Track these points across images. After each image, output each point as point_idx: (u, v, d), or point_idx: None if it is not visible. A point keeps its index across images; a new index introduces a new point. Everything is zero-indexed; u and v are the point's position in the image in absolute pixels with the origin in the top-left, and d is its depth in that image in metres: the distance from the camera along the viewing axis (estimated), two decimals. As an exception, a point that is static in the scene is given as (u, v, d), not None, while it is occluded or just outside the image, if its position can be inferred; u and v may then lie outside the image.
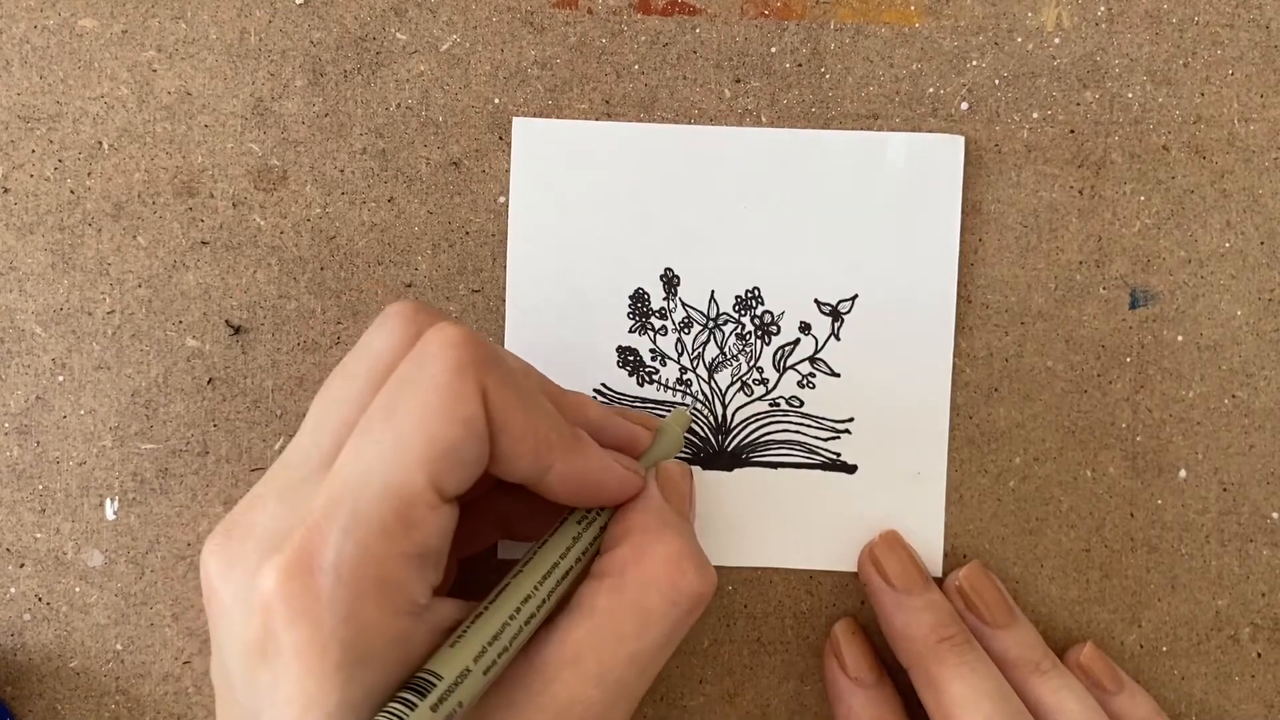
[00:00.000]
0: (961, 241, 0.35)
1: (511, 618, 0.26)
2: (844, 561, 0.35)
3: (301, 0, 0.34)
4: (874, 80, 0.35)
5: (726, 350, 0.35)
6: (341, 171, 0.35)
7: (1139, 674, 0.35)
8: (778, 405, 0.35)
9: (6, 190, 0.34)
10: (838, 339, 0.35)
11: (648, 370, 0.35)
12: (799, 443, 0.35)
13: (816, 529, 0.35)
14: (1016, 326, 0.35)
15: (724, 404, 0.35)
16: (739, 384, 0.35)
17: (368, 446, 0.25)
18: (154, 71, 0.34)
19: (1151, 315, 0.35)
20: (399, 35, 0.34)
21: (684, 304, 0.35)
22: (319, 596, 0.23)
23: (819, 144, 0.34)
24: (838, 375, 0.35)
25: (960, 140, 0.34)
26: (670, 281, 0.35)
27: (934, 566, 0.35)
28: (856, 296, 0.35)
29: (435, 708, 0.24)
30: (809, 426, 0.35)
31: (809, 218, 0.34)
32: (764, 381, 0.35)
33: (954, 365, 0.35)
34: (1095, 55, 0.35)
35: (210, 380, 0.35)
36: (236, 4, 0.34)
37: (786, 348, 0.35)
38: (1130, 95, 0.35)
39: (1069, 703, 0.32)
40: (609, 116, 0.35)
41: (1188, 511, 0.35)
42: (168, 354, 0.35)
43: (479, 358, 0.25)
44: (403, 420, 0.25)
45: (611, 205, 0.34)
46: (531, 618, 0.27)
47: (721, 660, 0.35)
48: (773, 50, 0.35)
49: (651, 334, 0.35)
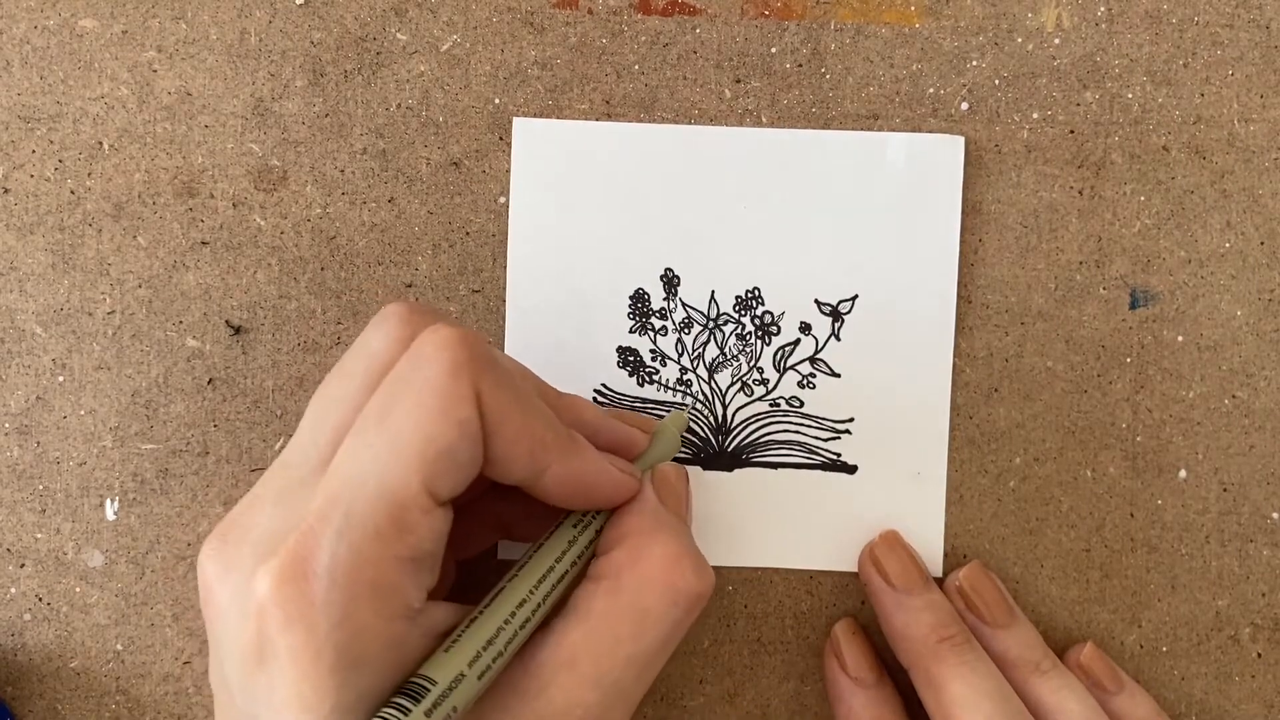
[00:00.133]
0: (961, 242, 0.35)
1: (506, 622, 0.26)
2: (844, 561, 0.35)
3: (301, 0, 0.34)
4: (874, 80, 0.35)
5: (727, 350, 0.35)
6: (342, 172, 0.35)
7: (1139, 674, 0.35)
8: (778, 405, 0.35)
9: (7, 190, 0.34)
10: (838, 339, 0.35)
11: (648, 370, 0.35)
12: (799, 443, 0.35)
13: (816, 529, 0.35)
14: (1016, 326, 0.35)
15: (724, 404, 0.35)
16: (739, 384, 0.35)
17: (362, 449, 0.25)
18: (154, 72, 0.35)
19: (1151, 315, 0.35)
20: (399, 35, 0.35)
21: (684, 304, 0.35)
22: (313, 601, 0.23)
23: (819, 144, 0.34)
24: (838, 375, 0.35)
25: (960, 140, 0.34)
26: (670, 282, 0.35)
27: (934, 566, 0.35)
28: (856, 297, 0.35)
29: (429, 713, 0.24)
30: (809, 427, 0.35)
31: (809, 218, 0.34)
32: (764, 382, 0.35)
33: (954, 365, 0.35)
34: (1095, 55, 0.35)
35: (210, 380, 0.35)
36: (236, 4, 0.34)
37: (787, 348, 0.35)
38: (1130, 95, 0.35)
39: (1069, 703, 0.32)
40: (609, 117, 0.35)
41: (1188, 512, 0.35)
42: (168, 354, 0.35)
43: (474, 359, 0.25)
44: (397, 422, 0.25)
45: (611, 205, 0.34)
46: (527, 621, 0.26)
47: (721, 660, 0.35)
48: (773, 50, 0.35)
49: (652, 334, 0.35)
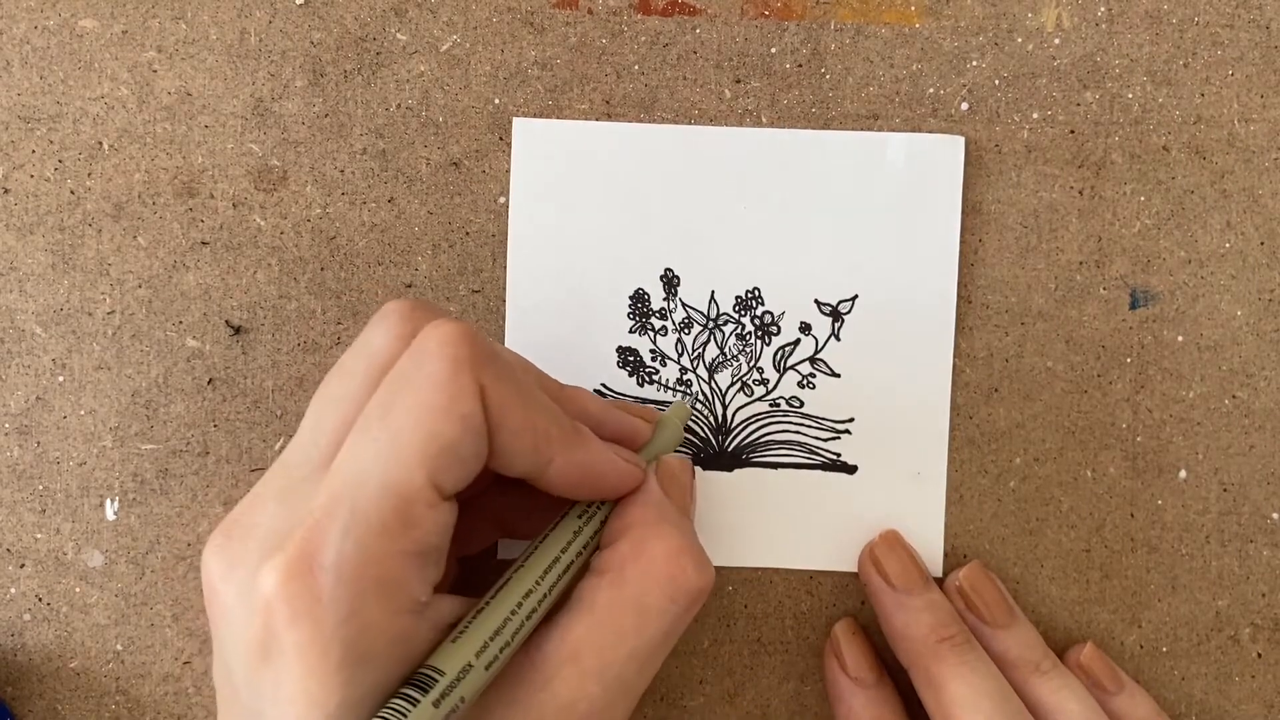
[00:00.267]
0: (961, 242, 0.35)
1: (513, 612, 0.26)
2: (844, 561, 0.35)
3: (301, 0, 0.34)
4: (874, 80, 0.35)
5: (727, 350, 0.35)
6: (341, 172, 0.35)
7: (1139, 674, 0.35)
8: (778, 405, 0.35)
9: (7, 190, 0.34)
10: (838, 339, 0.35)
11: (648, 370, 0.35)
12: (799, 443, 0.35)
13: (816, 529, 0.35)
14: (1016, 326, 0.35)
15: (724, 404, 0.35)
16: (739, 384, 0.35)
17: (366, 445, 0.25)
18: (154, 72, 0.35)
19: (1151, 315, 0.35)
20: (399, 35, 0.35)
21: (684, 304, 0.35)
22: (320, 596, 0.23)
23: (819, 144, 0.34)
24: (838, 375, 0.35)
25: (960, 140, 0.34)
26: (670, 282, 0.35)
27: (934, 566, 0.35)
28: (856, 297, 0.35)
29: (438, 703, 0.24)
30: (809, 427, 0.35)
31: (809, 218, 0.34)
32: (764, 382, 0.35)
33: (954, 365, 0.35)
34: (1095, 55, 0.35)
35: (210, 380, 0.35)
36: (236, 4, 0.34)
37: (786, 348, 0.35)
38: (1130, 95, 0.35)
39: (1069, 703, 0.32)
40: (609, 117, 0.35)
41: (1188, 512, 0.35)
42: (168, 354, 0.35)
43: (476, 353, 0.25)
44: (400, 418, 0.25)
45: (611, 205, 0.34)
46: (533, 612, 0.27)
47: (721, 660, 0.35)
48: (773, 50, 0.35)
49: (651, 334, 0.35)
